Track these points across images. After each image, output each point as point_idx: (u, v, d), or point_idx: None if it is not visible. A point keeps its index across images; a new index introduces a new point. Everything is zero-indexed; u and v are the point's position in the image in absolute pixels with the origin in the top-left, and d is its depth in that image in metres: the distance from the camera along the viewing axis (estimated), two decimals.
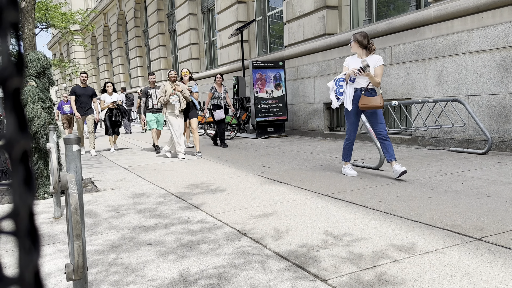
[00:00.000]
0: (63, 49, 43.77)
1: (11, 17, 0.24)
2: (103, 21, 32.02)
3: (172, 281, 2.20)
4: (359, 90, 4.78)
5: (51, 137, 3.85)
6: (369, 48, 4.77)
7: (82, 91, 8.73)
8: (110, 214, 3.71)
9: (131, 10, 25.67)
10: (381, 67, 4.71)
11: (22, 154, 0.25)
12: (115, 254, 2.66)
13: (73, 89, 8.81)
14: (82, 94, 8.71)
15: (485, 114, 6.38)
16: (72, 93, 8.73)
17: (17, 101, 0.25)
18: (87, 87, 8.91)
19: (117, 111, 9.08)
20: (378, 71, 4.70)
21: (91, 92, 8.90)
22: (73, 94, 8.73)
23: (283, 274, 2.22)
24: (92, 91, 8.92)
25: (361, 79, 4.75)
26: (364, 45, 4.74)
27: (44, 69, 4.51)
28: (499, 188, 3.91)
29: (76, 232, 1.64)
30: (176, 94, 7.20)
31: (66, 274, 1.70)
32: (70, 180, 1.71)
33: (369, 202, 3.68)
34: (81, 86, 8.84)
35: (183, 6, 18.33)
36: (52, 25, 21.03)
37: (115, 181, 5.38)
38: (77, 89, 8.78)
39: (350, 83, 4.78)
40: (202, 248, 2.68)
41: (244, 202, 3.90)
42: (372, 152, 6.92)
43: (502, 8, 6.09)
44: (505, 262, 2.23)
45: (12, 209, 0.25)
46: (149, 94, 8.73)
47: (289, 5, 10.87)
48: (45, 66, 4.53)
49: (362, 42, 4.74)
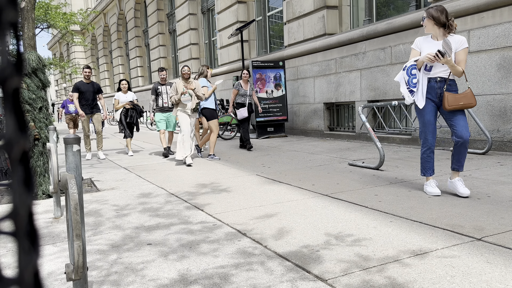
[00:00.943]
0: (63, 49, 43.78)
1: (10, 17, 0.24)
2: (103, 21, 32.02)
3: (172, 281, 2.20)
4: (435, 81, 3.74)
5: (51, 137, 3.85)
6: (449, 26, 3.66)
7: (86, 87, 7.85)
8: (110, 214, 3.71)
9: (131, 10, 25.67)
10: (464, 51, 3.62)
11: (21, 154, 0.25)
12: (115, 254, 2.66)
13: (76, 85, 7.90)
14: (86, 90, 7.83)
15: (485, 114, 6.38)
16: (74, 90, 7.85)
17: (17, 101, 0.25)
18: (92, 82, 8.00)
19: (133, 111, 8.28)
20: (461, 57, 3.62)
21: (96, 88, 8.00)
22: (76, 90, 7.84)
23: (284, 274, 2.22)
24: (97, 87, 8.03)
25: (438, 68, 3.69)
26: (442, 23, 3.63)
27: (35, 70, 4.50)
28: (499, 188, 3.91)
29: (76, 232, 1.64)
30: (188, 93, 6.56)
31: (66, 274, 1.70)
32: (70, 180, 1.71)
33: (369, 202, 3.68)
34: (84, 82, 7.92)
35: (183, 6, 18.33)
36: (52, 25, 21.04)
37: (115, 181, 5.38)
38: (80, 85, 7.87)
39: (424, 73, 3.76)
40: (202, 248, 2.68)
41: (244, 202, 3.90)
42: (372, 152, 6.92)
43: (502, 8, 6.09)
44: (505, 262, 2.23)
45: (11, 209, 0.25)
46: (159, 91, 7.92)
47: (289, 5, 10.87)
48: (36, 67, 4.51)
49: (439, 18, 3.62)
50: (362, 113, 5.46)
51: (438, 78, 3.71)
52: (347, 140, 9.10)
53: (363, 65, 8.64)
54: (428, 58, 3.56)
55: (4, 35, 0.24)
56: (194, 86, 6.60)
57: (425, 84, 3.76)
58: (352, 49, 8.94)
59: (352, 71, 8.95)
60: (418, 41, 3.84)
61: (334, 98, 9.54)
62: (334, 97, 9.54)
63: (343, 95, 9.25)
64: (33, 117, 4.33)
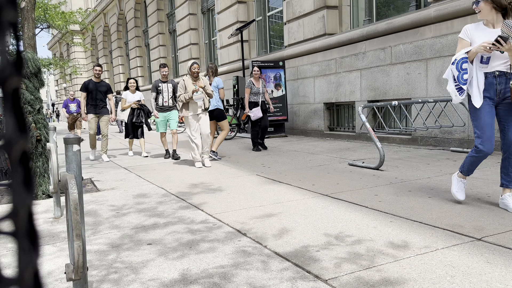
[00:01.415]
0: (63, 49, 43.78)
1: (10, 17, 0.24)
2: (103, 21, 32.02)
3: (172, 280, 2.20)
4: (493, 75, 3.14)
5: (51, 137, 3.85)
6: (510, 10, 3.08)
7: (95, 87, 7.47)
8: (110, 214, 3.71)
9: (131, 10, 25.68)
10: None
11: (21, 155, 0.25)
12: (115, 253, 2.66)
13: (84, 84, 7.47)
14: (94, 89, 7.45)
15: None
16: (83, 89, 7.42)
17: (16, 101, 0.25)
18: (102, 82, 7.63)
19: (140, 111, 7.93)
20: None
21: (105, 88, 7.64)
22: (84, 89, 7.41)
23: (283, 274, 2.22)
24: (107, 87, 7.67)
25: (497, 60, 3.10)
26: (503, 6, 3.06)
27: (38, 70, 4.53)
28: (499, 188, 3.91)
29: (76, 232, 1.64)
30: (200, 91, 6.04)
31: (66, 274, 1.70)
32: (70, 180, 1.71)
33: (369, 202, 3.68)
34: (94, 80, 7.54)
35: (183, 6, 18.33)
36: (52, 25, 21.04)
37: (115, 181, 5.38)
38: (89, 84, 7.46)
39: (480, 67, 3.17)
40: (202, 248, 2.68)
41: (244, 202, 3.90)
42: (372, 152, 6.92)
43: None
44: (505, 262, 2.23)
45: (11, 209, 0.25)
46: (159, 89, 7.37)
47: (289, 5, 10.87)
48: (39, 66, 4.55)
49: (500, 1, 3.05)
50: (362, 113, 5.46)
51: (497, 72, 3.12)
52: (347, 140, 9.10)
53: (363, 65, 8.64)
54: (485, 47, 2.96)
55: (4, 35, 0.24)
56: (204, 83, 6.19)
57: (482, 80, 3.16)
58: (352, 49, 8.94)
59: (352, 71, 8.94)
60: (468, 30, 3.21)
61: (334, 98, 9.54)
62: (334, 97, 9.54)
63: (343, 95, 9.25)
64: (34, 118, 4.34)
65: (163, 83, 7.45)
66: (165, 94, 7.42)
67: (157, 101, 7.41)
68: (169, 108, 7.45)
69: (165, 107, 7.46)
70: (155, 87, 7.40)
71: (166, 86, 7.45)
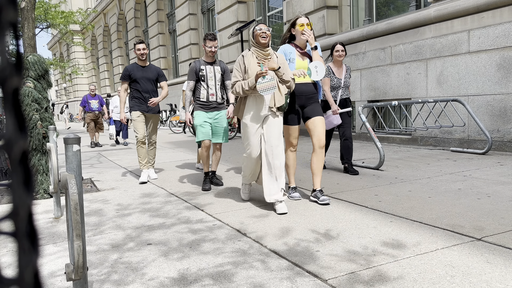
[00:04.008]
0: (63, 49, 43.79)
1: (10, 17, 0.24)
2: (103, 21, 32.03)
3: (172, 280, 2.20)
4: None
5: (51, 137, 3.85)
6: None
7: (140, 73, 5.17)
8: (110, 214, 3.71)
9: (131, 10, 25.68)
10: None
11: (21, 154, 0.25)
12: (115, 253, 2.66)
13: (126, 69, 5.18)
14: (141, 77, 5.16)
15: (485, 114, 6.38)
16: (124, 77, 5.17)
17: (16, 101, 0.25)
18: (150, 65, 5.29)
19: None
20: None
21: (155, 74, 5.28)
22: (126, 78, 5.17)
23: (283, 273, 2.22)
24: (157, 72, 5.31)
25: None
26: None
27: (45, 72, 4.59)
28: (499, 188, 3.91)
29: (76, 232, 1.64)
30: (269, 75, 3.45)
31: (66, 274, 1.70)
32: (70, 180, 1.71)
33: (369, 202, 3.68)
34: (139, 64, 5.25)
35: (183, 6, 18.33)
36: (52, 25, 21.06)
37: (115, 181, 5.38)
38: (133, 69, 5.17)
39: None
40: (202, 248, 2.68)
41: (244, 202, 3.90)
42: (372, 152, 6.92)
43: (502, 8, 6.09)
44: (505, 262, 2.23)
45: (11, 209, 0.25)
46: (202, 73, 4.61)
47: (289, 5, 10.87)
48: (46, 69, 4.62)
49: None
50: (362, 113, 5.46)
51: None
52: None
53: (363, 65, 8.64)
54: None
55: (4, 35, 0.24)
56: (278, 63, 3.52)
57: None
58: (352, 49, 8.94)
59: (352, 71, 8.94)
60: None
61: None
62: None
63: None
64: (41, 116, 4.38)
65: (208, 64, 4.68)
66: (211, 82, 4.63)
67: (197, 93, 4.66)
68: (218, 105, 4.68)
69: (212, 104, 4.64)
70: (194, 72, 4.65)
71: (213, 70, 4.66)
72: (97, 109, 10.35)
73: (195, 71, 4.65)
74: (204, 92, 4.62)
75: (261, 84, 3.37)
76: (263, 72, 3.34)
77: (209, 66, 4.67)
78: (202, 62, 4.69)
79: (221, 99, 4.73)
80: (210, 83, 4.64)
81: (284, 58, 3.64)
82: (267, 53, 3.57)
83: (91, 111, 10.19)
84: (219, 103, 4.70)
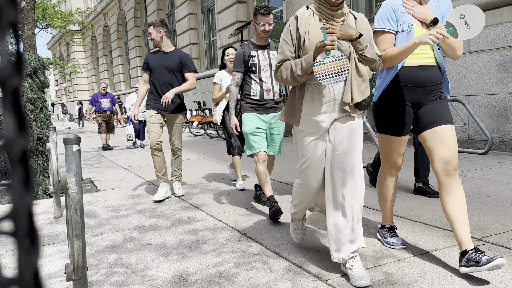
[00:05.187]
0: (63, 49, 43.80)
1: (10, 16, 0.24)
2: (103, 21, 32.03)
3: (172, 281, 2.20)
4: None
5: (51, 137, 3.85)
6: None
7: (159, 61, 4.15)
8: (110, 214, 3.71)
9: (131, 10, 25.69)
10: None
11: (21, 154, 0.25)
12: (115, 254, 2.66)
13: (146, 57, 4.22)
14: (158, 66, 4.14)
15: (485, 114, 6.38)
16: (143, 66, 4.25)
17: (16, 101, 0.25)
18: (174, 51, 4.20)
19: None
20: None
21: (177, 62, 4.16)
22: (145, 67, 4.22)
23: (284, 274, 2.22)
24: (179, 59, 4.17)
25: None
26: None
27: (35, 70, 4.55)
28: (499, 188, 3.91)
29: (76, 232, 1.64)
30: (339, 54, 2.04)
31: (66, 274, 1.70)
32: (70, 180, 1.71)
33: (369, 202, 3.68)
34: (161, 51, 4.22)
35: (183, 6, 18.34)
36: (52, 25, 21.07)
37: (115, 181, 5.38)
38: (151, 56, 4.21)
39: None
40: (202, 248, 2.68)
41: (244, 202, 3.90)
42: (372, 152, 6.92)
43: (502, 8, 6.09)
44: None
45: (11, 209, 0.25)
46: (253, 61, 3.50)
47: (289, 5, 10.87)
48: (36, 67, 4.56)
49: None
50: None
51: None
52: None
53: None
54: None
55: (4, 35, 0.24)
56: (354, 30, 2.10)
57: None
58: None
59: None
60: None
61: None
62: None
63: None
64: (36, 116, 4.37)
65: (261, 49, 3.54)
66: (266, 73, 3.50)
67: (246, 90, 3.53)
68: (275, 105, 3.57)
69: (267, 103, 3.52)
70: (241, 60, 3.50)
71: (267, 56, 3.52)
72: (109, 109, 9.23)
73: (243, 58, 3.49)
74: (256, 88, 3.46)
75: (321, 65, 2.01)
76: (326, 44, 1.97)
77: (262, 52, 3.51)
78: (252, 47, 3.52)
79: (279, 96, 3.58)
80: (264, 75, 3.48)
81: (367, 23, 2.20)
82: (340, 13, 2.15)
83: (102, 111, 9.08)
84: (277, 101, 3.55)
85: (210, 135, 11.49)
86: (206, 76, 16.57)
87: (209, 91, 16.23)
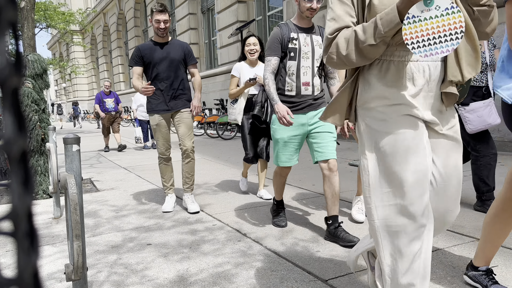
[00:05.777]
0: (63, 49, 43.81)
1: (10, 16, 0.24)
2: (102, 21, 32.04)
3: (172, 281, 2.20)
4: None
5: (51, 137, 3.85)
6: None
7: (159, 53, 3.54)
8: (110, 214, 3.71)
9: (130, 10, 25.69)
10: None
11: (21, 154, 0.25)
12: (114, 254, 2.66)
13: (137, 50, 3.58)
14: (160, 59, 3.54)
15: None
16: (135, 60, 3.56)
17: (16, 101, 0.25)
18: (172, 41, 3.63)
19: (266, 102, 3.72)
20: None
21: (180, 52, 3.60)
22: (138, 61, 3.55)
23: (284, 274, 2.22)
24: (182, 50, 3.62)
25: None
26: None
27: (44, 71, 4.60)
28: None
29: (75, 232, 1.64)
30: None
31: (66, 274, 1.70)
32: (69, 180, 1.71)
33: None
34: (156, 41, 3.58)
35: (183, 6, 18.34)
36: (52, 25, 21.07)
37: (114, 181, 5.38)
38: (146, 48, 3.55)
39: None
40: (202, 248, 2.68)
41: (244, 202, 3.90)
42: None
43: (502, 8, 6.10)
44: (505, 262, 2.23)
45: (11, 209, 0.25)
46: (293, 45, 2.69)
47: (289, 4, 10.87)
48: (45, 68, 4.62)
49: None
50: None
51: None
52: (347, 140, 9.10)
53: None
54: None
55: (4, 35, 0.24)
56: None
57: None
58: None
59: None
60: None
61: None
62: None
63: None
64: (39, 117, 4.38)
65: (303, 31, 2.76)
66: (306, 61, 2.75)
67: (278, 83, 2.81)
68: (314, 101, 2.81)
69: (305, 101, 2.79)
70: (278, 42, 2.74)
71: (310, 41, 2.75)
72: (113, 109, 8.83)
73: (281, 41, 2.72)
74: (292, 80, 2.74)
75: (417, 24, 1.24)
76: None
77: (305, 35, 2.74)
78: (293, 28, 2.74)
79: (319, 91, 2.82)
80: (304, 64, 2.72)
81: None
82: None
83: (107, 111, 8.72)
84: (316, 97, 2.79)
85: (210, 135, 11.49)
86: (206, 76, 16.57)
87: (209, 91, 16.23)
